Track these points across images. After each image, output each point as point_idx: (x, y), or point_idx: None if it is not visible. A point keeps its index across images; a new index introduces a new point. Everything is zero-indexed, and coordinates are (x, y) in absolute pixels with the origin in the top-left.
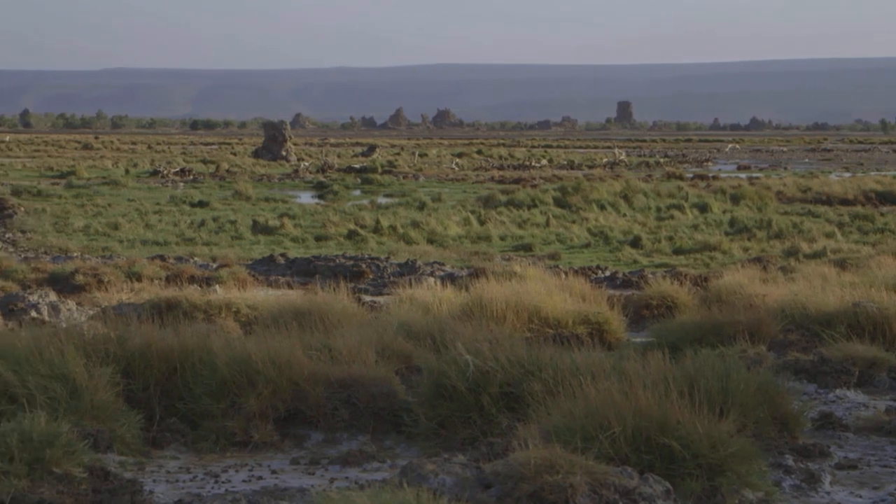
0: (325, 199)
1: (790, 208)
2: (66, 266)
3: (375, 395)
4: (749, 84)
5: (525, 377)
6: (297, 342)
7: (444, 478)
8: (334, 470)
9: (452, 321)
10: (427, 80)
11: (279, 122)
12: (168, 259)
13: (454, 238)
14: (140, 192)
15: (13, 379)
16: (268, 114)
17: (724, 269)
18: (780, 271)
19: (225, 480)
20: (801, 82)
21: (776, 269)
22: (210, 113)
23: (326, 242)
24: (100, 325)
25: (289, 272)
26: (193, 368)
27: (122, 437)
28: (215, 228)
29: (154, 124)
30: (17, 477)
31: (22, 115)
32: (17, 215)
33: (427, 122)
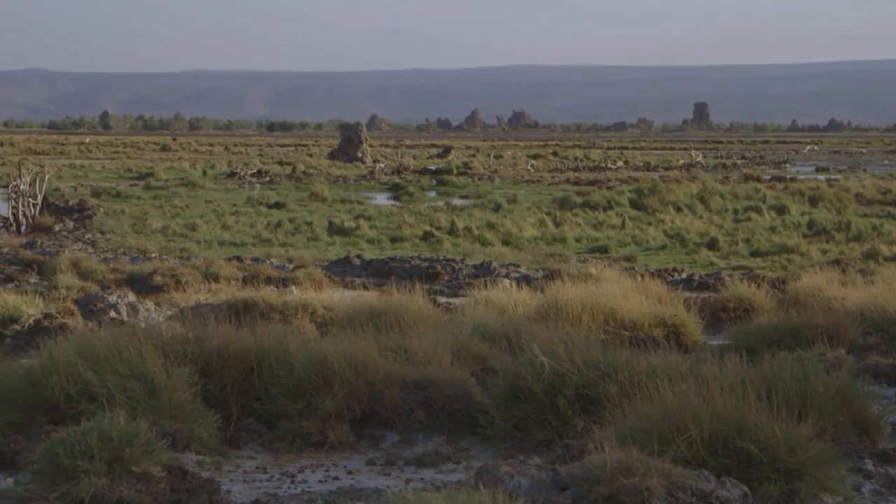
0: (401, 200)
1: (869, 210)
2: (144, 267)
3: (451, 396)
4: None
5: (601, 379)
6: (372, 343)
7: (519, 480)
8: (410, 471)
9: (528, 323)
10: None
11: (355, 123)
12: (245, 260)
13: (529, 240)
14: (217, 193)
15: (93, 378)
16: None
17: (803, 272)
18: (859, 274)
19: (301, 481)
20: (881, 83)
21: (855, 272)
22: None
23: (402, 244)
24: (178, 326)
25: (364, 273)
26: (270, 369)
27: (199, 437)
28: (291, 230)
29: (231, 126)
30: (97, 476)
31: (102, 116)
32: (97, 216)
33: (502, 124)
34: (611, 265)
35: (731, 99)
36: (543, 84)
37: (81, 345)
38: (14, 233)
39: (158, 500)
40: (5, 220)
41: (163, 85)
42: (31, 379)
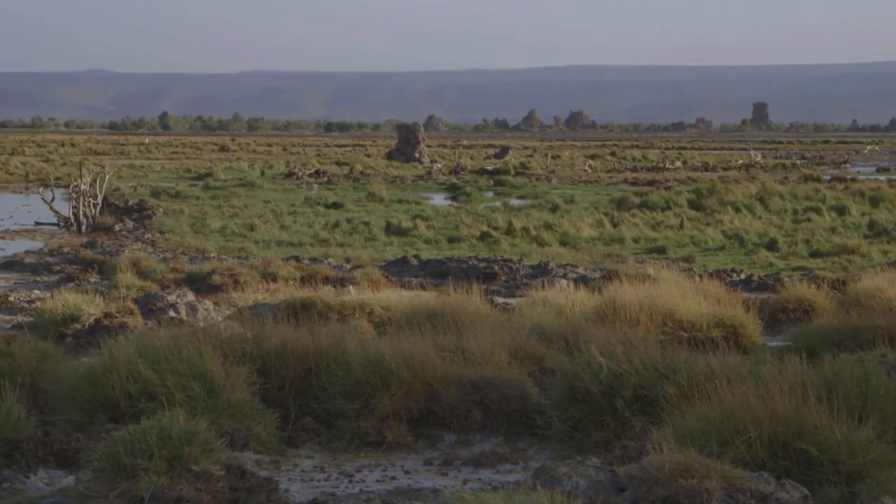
0: (458, 200)
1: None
2: (203, 266)
3: (508, 396)
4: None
5: (659, 380)
6: (430, 343)
7: (577, 480)
8: (467, 471)
9: (585, 323)
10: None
11: (412, 124)
12: (303, 260)
13: (587, 240)
14: (275, 193)
15: (153, 377)
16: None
17: (863, 273)
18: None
19: (359, 480)
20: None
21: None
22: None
23: (459, 244)
24: (236, 325)
25: (422, 273)
26: (328, 368)
27: (258, 436)
28: (349, 230)
29: (289, 126)
30: (157, 474)
31: (161, 117)
32: (156, 216)
33: (560, 124)
34: (669, 266)
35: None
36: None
37: (141, 344)
38: (75, 232)
39: (217, 498)
40: (66, 219)
41: (222, 86)
42: (92, 378)
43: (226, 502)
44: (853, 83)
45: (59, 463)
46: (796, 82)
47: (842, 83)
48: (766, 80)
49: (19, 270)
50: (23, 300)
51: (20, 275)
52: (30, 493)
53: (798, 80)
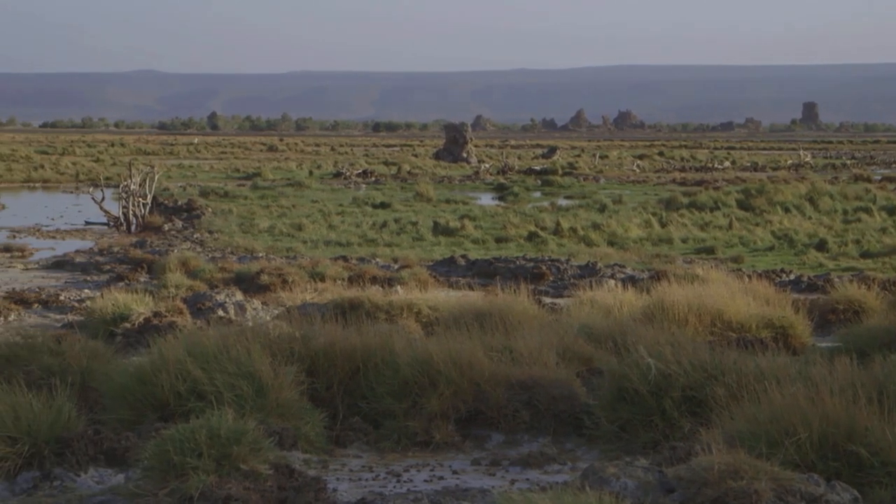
0: (506, 200)
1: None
2: (251, 266)
3: (556, 397)
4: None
5: (708, 381)
6: (477, 343)
7: (626, 481)
8: (515, 471)
9: (633, 324)
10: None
11: (460, 124)
12: (350, 260)
13: (635, 240)
14: (323, 193)
15: (202, 377)
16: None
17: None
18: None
19: (407, 480)
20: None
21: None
22: (392, 115)
23: (506, 244)
24: (284, 325)
25: (469, 273)
26: (376, 368)
27: (306, 436)
28: (397, 230)
29: (337, 126)
30: (206, 473)
31: (210, 117)
32: (205, 216)
33: (608, 124)
34: (717, 266)
35: (840, 98)
36: (650, 84)
37: (190, 343)
38: (125, 232)
39: (266, 497)
40: (116, 219)
41: (270, 86)
42: (142, 377)
43: (274, 501)
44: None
45: (109, 461)
46: (847, 82)
47: (893, 83)
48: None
49: (70, 270)
50: (73, 299)
51: (71, 274)
52: (80, 491)
53: (848, 79)
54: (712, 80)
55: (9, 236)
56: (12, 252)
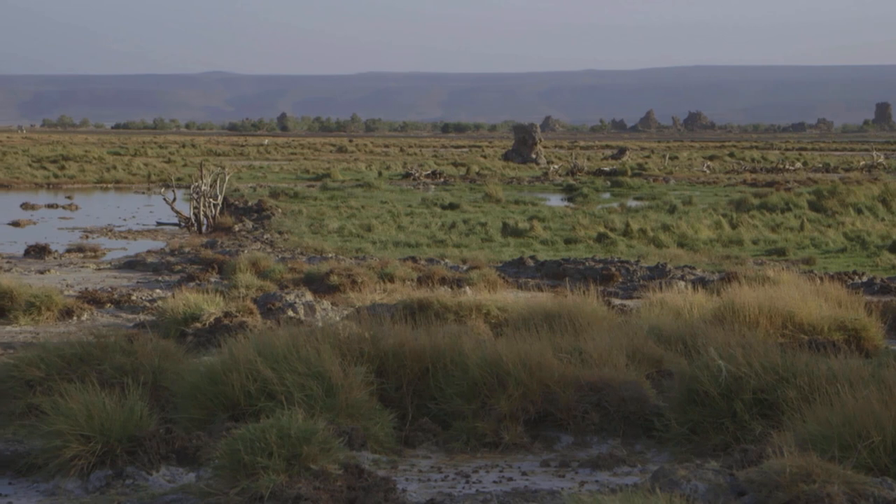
0: (575, 201)
1: None
2: (321, 266)
3: (626, 398)
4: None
5: (779, 384)
6: (547, 344)
7: (696, 484)
8: (584, 473)
9: (704, 326)
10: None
11: (529, 124)
12: (419, 260)
13: (705, 242)
14: (392, 194)
15: (272, 376)
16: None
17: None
18: None
19: (476, 481)
20: None
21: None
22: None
23: (575, 245)
24: (354, 325)
25: (538, 274)
26: (445, 369)
27: (375, 436)
28: (465, 230)
29: (406, 127)
30: (276, 472)
31: (280, 118)
32: (275, 216)
33: (678, 125)
34: (789, 268)
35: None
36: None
37: (261, 343)
38: (195, 232)
39: (335, 497)
40: (187, 220)
41: (339, 87)
42: (213, 376)
43: (343, 501)
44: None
45: (180, 460)
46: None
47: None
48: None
49: (141, 270)
50: (145, 299)
51: (142, 274)
52: (152, 489)
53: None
54: (784, 81)
55: (82, 236)
56: (85, 252)
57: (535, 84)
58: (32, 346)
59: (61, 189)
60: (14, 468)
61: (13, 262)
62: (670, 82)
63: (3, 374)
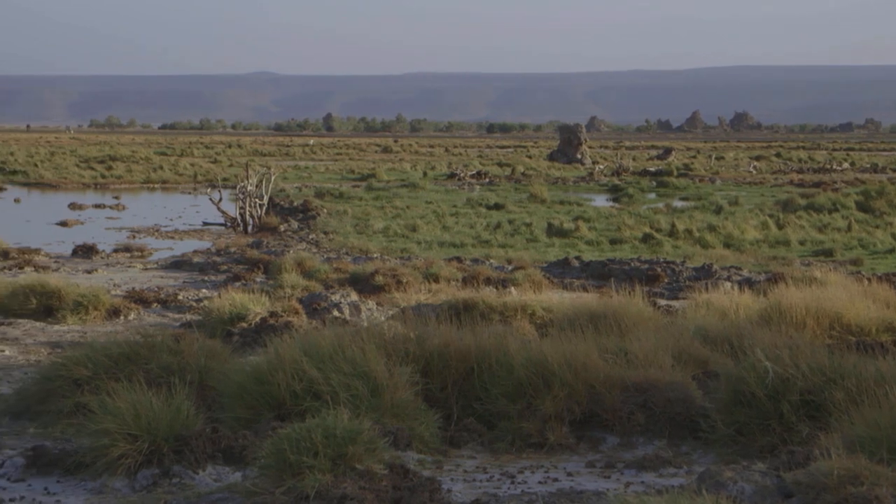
0: (620, 202)
1: None
2: (366, 267)
3: (672, 399)
4: None
5: (826, 385)
6: (592, 345)
7: (742, 485)
8: (630, 474)
9: (750, 327)
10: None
11: (574, 125)
12: (464, 261)
13: (751, 242)
14: (437, 194)
15: (318, 376)
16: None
17: None
18: None
19: (521, 481)
20: None
21: None
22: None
23: (621, 246)
24: (399, 325)
25: (583, 275)
26: (490, 369)
27: (420, 436)
28: (510, 231)
29: (451, 128)
30: (321, 472)
31: (325, 118)
32: (320, 217)
33: (724, 125)
34: (836, 269)
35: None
36: (767, 85)
37: (306, 343)
38: (241, 233)
39: (381, 497)
40: (233, 220)
41: (385, 87)
42: (259, 376)
43: (389, 501)
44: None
45: (226, 459)
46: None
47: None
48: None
49: (188, 270)
50: (191, 299)
51: (189, 274)
52: (198, 488)
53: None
54: (831, 81)
55: (129, 236)
56: (132, 252)
57: (581, 84)
58: (80, 346)
59: (108, 189)
60: (62, 467)
61: (61, 262)
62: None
63: (51, 374)
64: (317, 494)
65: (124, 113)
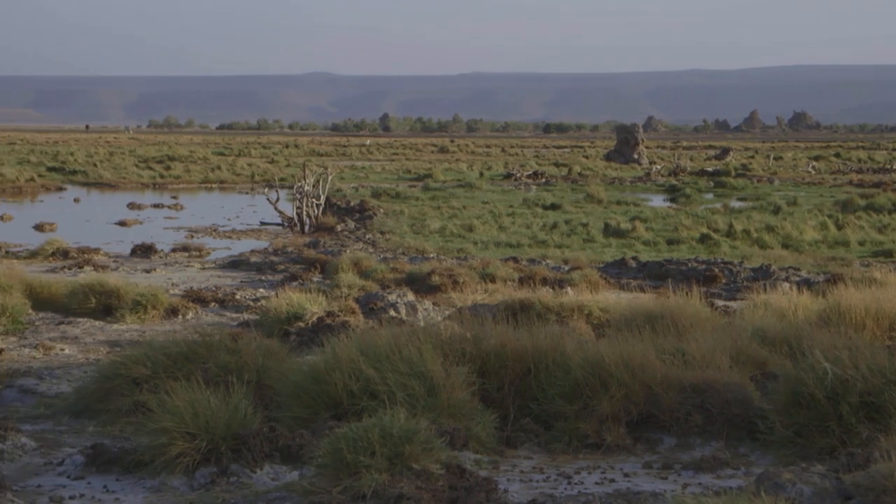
0: (677, 202)
1: None
2: (422, 266)
3: (729, 400)
4: None
5: (886, 387)
6: (649, 345)
7: (801, 487)
8: (687, 475)
9: (809, 328)
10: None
11: (631, 125)
12: (521, 261)
13: (810, 243)
14: (493, 194)
15: (374, 376)
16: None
17: None
18: None
19: (577, 482)
20: None
21: None
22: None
23: (678, 246)
24: (455, 325)
25: (640, 275)
26: (547, 370)
27: (477, 436)
28: (567, 231)
29: (508, 128)
30: (378, 471)
31: (382, 119)
32: (377, 217)
33: (782, 125)
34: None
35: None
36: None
37: (363, 343)
38: (298, 232)
39: (437, 497)
40: (290, 220)
41: (441, 87)
42: (316, 375)
43: (445, 501)
44: None
45: (283, 458)
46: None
47: None
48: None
49: (245, 269)
50: (249, 298)
51: (246, 273)
52: (256, 487)
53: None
54: (892, 80)
55: (187, 236)
56: (190, 251)
57: (638, 84)
58: (139, 345)
59: (167, 189)
60: (121, 465)
61: (120, 261)
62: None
63: (110, 372)
64: (373, 494)
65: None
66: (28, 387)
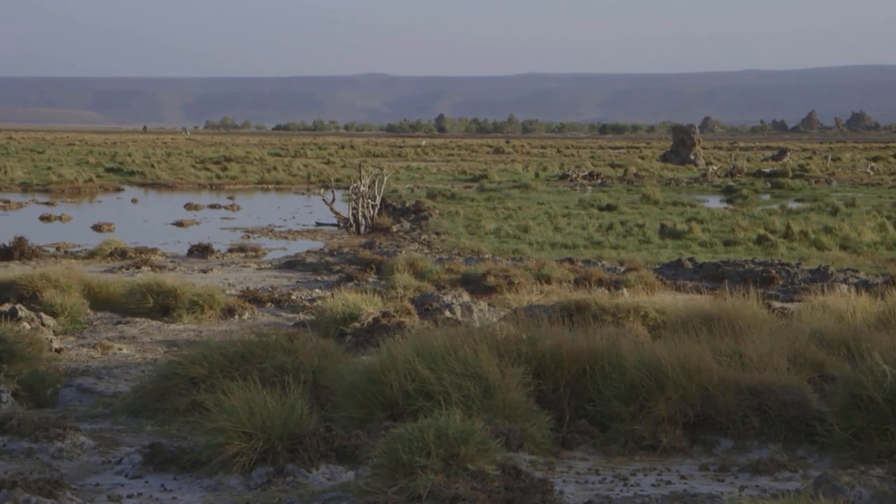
0: (734, 203)
1: None
2: (477, 267)
3: (787, 403)
4: None
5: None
6: (706, 347)
7: (860, 490)
8: (744, 478)
9: (868, 330)
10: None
11: (688, 125)
12: (576, 262)
13: (869, 244)
14: (549, 195)
15: (430, 376)
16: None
17: None
18: None
19: (633, 484)
20: None
21: None
22: (618, 117)
23: (735, 247)
24: (511, 326)
25: (696, 276)
26: (602, 371)
27: (532, 437)
28: (623, 232)
29: (563, 128)
30: (434, 472)
31: (437, 119)
32: (432, 217)
33: (840, 126)
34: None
35: None
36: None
37: (419, 343)
38: (354, 233)
39: (493, 498)
40: (346, 220)
41: (497, 88)
42: (371, 376)
43: (501, 502)
44: None
45: (339, 458)
46: None
47: None
48: None
49: (301, 270)
50: (304, 299)
51: (302, 274)
52: (312, 487)
53: None
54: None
55: (243, 237)
56: (246, 252)
57: (694, 85)
58: (196, 345)
59: (223, 190)
60: (178, 464)
61: (177, 262)
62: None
63: (167, 372)
64: (429, 494)
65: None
66: (86, 386)
